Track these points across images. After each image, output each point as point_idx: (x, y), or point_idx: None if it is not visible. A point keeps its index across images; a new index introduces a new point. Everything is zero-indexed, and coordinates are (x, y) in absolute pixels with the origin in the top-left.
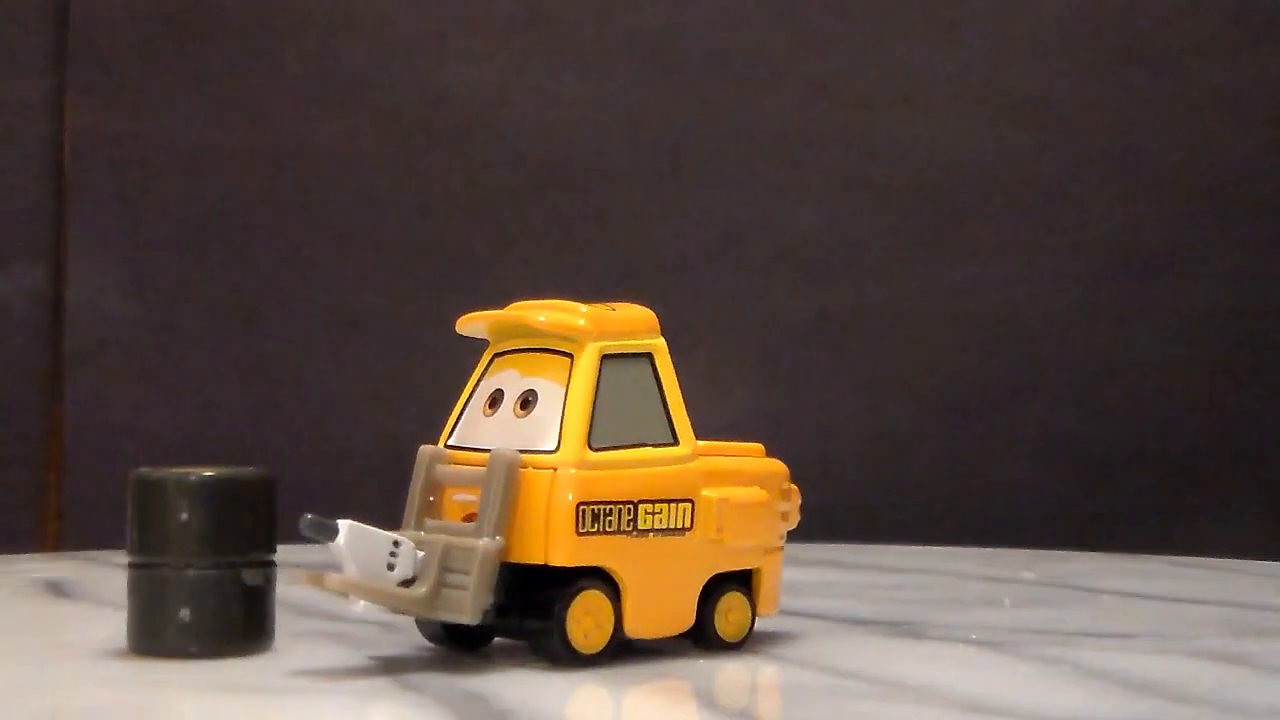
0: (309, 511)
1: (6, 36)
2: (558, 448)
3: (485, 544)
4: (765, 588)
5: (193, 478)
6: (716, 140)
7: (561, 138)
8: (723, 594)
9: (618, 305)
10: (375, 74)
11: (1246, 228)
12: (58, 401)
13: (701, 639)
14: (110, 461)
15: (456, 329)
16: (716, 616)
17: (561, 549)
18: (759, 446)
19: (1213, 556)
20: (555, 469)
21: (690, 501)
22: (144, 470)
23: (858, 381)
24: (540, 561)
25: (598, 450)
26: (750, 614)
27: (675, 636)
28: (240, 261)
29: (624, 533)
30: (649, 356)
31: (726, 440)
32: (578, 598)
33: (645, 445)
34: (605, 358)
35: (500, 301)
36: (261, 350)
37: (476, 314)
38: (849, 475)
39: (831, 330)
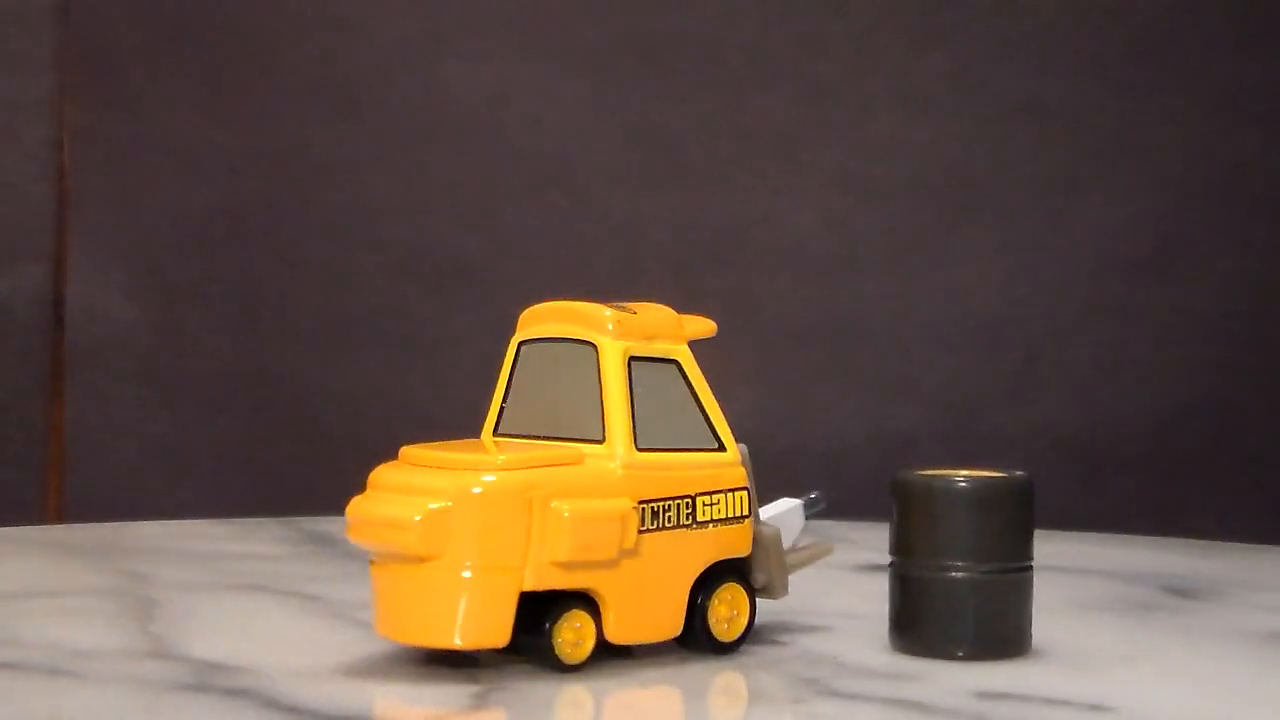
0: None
1: (6, 36)
2: None
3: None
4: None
5: (961, 483)
6: (716, 140)
7: (561, 138)
8: None
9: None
10: (375, 75)
11: (1246, 228)
12: (58, 401)
13: None
14: (110, 461)
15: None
16: None
17: None
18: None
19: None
20: None
21: None
22: (908, 474)
23: (858, 381)
24: None
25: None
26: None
27: None
28: (240, 261)
29: None
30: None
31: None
32: None
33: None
34: None
35: (499, 301)
36: (261, 350)
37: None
38: (849, 475)
39: (831, 330)
